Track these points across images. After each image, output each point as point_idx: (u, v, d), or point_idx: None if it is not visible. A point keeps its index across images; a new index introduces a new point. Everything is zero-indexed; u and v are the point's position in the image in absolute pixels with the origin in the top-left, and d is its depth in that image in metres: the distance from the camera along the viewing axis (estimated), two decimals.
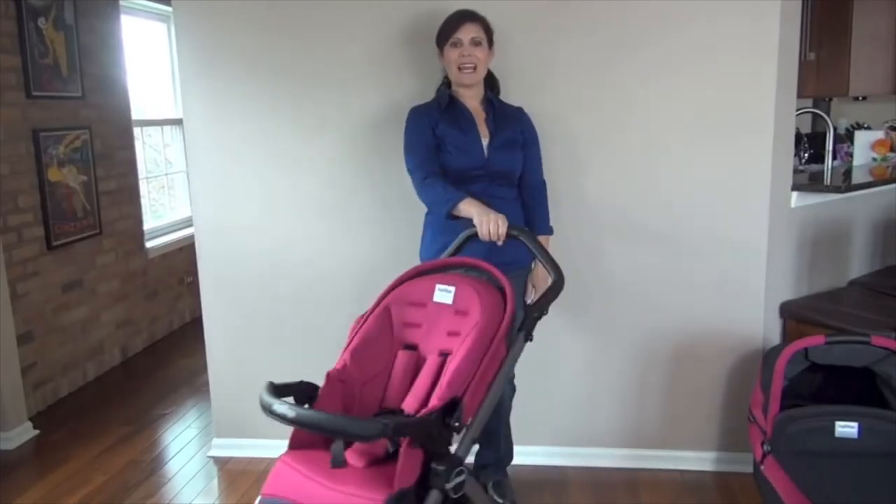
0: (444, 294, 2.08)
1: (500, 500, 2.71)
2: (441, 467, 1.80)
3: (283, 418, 1.70)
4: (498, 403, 2.70)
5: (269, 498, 1.86)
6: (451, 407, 1.86)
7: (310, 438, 1.95)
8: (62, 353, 3.97)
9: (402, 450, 1.78)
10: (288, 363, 3.02)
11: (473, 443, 1.94)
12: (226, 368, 3.17)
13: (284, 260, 3.03)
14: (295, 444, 1.95)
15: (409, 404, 2.03)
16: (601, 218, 2.87)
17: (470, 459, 2.89)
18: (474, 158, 2.46)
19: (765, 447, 2.44)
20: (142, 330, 4.73)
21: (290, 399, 1.84)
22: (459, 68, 2.45)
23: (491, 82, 2.60)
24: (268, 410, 1.72)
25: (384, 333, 2.14)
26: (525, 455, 2.98)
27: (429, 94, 2.65)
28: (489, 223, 2.19)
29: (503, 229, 2.19)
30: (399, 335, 2.15)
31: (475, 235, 2.25)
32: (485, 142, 2.49)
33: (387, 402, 2.09)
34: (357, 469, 1.86)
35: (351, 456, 1.89)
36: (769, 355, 2.62)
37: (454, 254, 2.30)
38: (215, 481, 3.06)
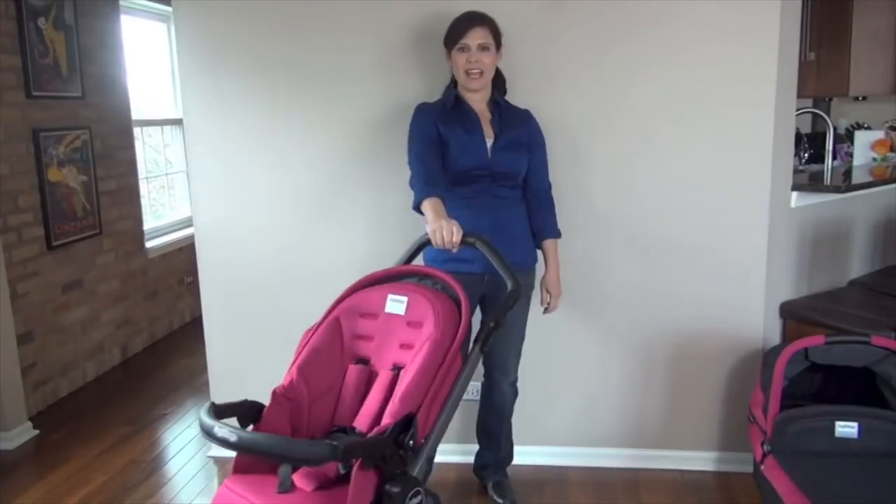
0: (396, 305, 1.99)
1: (500, 500, 2.71)
2: (396, 489, 1.71)
3: (224, 443, 1.61)
4: (500, 406, 2.71)
5: None
6: (405, 425, 1.77)
7: (253, 461, 1.85)
8: (62, 353, 3.97)
9: (353, 473, 1.69)
10: (288, 363, 3.02)
11: (430, 462, 1.84)
12: (226, 368, 3.17)
13: (285, 260, 3.03)
14: (239, 468, 1.85)
15: (362, 422, 1.95)
16: (601, 218, 2.87)
17: (463, 460, 2.90)
18: (478, 159, 2.45)
19: (765, 447, 2.44)
20: (142, 330, 4.73)
21: (234, 420, 1.75)
22: (467, 73, 2.44)
23: (497, 82, 2.59)
24: (208, 434, 1.63)
25: (334, 347, 2.05)
26: (525, 455, 2.98)
27: (433, 95, 2.65)
28: (441, 230, 2.10)
29: (457, 237, 2.09)
30: (350, 348, 2.06)
31: (429, 241, 2.16)
32: (489, 142, 2.48)
33: (338, 420, 2.01)
34: (306, 493, 1.76)
35: (299, 479, 1.79)
36: (769, 355, 2.62)
37: (408, 261, 2.26)
38: (215, 481, 3.06)
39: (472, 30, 2.42)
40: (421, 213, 2.28)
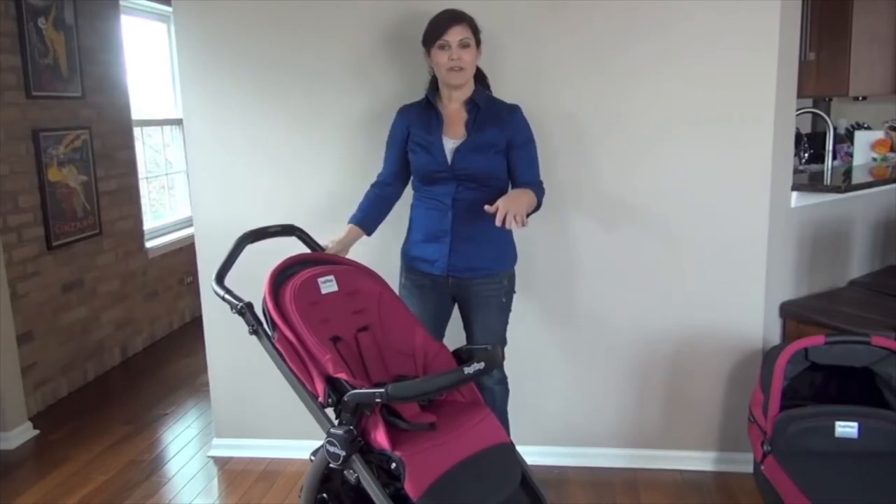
0: (328, 284, 2.18)
1: None
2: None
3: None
4: (491, 406, 2.70)
5: (438, 484, 1.87)
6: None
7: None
8: (62, 353, 3.97)
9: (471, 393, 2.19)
10: None
11: None
12: (226, 368, 3.17)
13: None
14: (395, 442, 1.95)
15: (382, 377, 2.13)
16: (601, 218, 2.87)
17: None
18: (436, 160, 2.45)
19: (765, 447, 2.44)
20: (142, 330, 4.73)
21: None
22: (448, 70, 2.41)
23: (480, 80, 2.55)
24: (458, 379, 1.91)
25: (323, 340, 2.13)
26: (525, 455, 2.95)
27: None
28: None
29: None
30: (323, 334, 2.15)
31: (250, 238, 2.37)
32: (452, 143, 2.45)
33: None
34: (448, 419, 2.05)
35: (426, 417, 2.04)
36: (769, 355, 2.63)
37: (231, 259, 2.33)
38: (215, 481, 3.06)
39: (452, 28, 2.40)
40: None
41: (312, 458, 2.08)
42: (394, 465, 1.88)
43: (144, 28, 5.11)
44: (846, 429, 2.33)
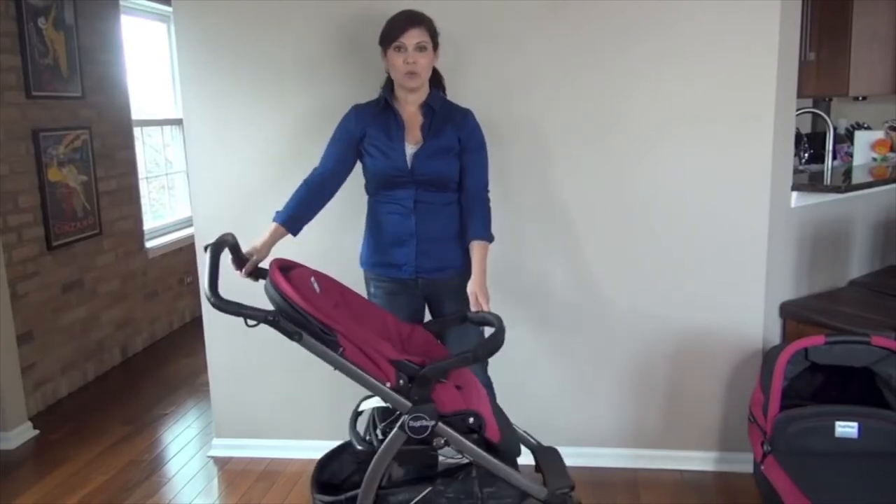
0: (315, 285, 2.29)
1: None
2: None
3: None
4: None
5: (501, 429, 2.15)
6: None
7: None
8: (62, 353, 3.97)
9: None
10: (288, 363, 3.02)
11: None
12: (226, 368, 3.17)
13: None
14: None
15: None
16: (601, 219, 2.87)
17: None
18: (396, 164, 2.43)
19: (765, 447, 2.44)
20: (142, 330, 4.73)
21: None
22: (403, 73, 2.40)
23: (435, 82, 2.53)
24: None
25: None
26: (525, 455, 2.97)
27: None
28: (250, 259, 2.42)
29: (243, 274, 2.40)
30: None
31: (221, 245, 2.31)
32: (412, 149, 2.43)
33: None
34: (457, 381, 2.21)
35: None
36: (769, 355, 2.63)
37: (215, 270, 2.26)
38: (215, 481, 3.06)
39: (409, 30, 2.37)
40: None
41: (360, 447, 2.16)
42: (472, 419, 2.06)
43: (144, 28, 5.11)
44: (846, 429, 2.34)
